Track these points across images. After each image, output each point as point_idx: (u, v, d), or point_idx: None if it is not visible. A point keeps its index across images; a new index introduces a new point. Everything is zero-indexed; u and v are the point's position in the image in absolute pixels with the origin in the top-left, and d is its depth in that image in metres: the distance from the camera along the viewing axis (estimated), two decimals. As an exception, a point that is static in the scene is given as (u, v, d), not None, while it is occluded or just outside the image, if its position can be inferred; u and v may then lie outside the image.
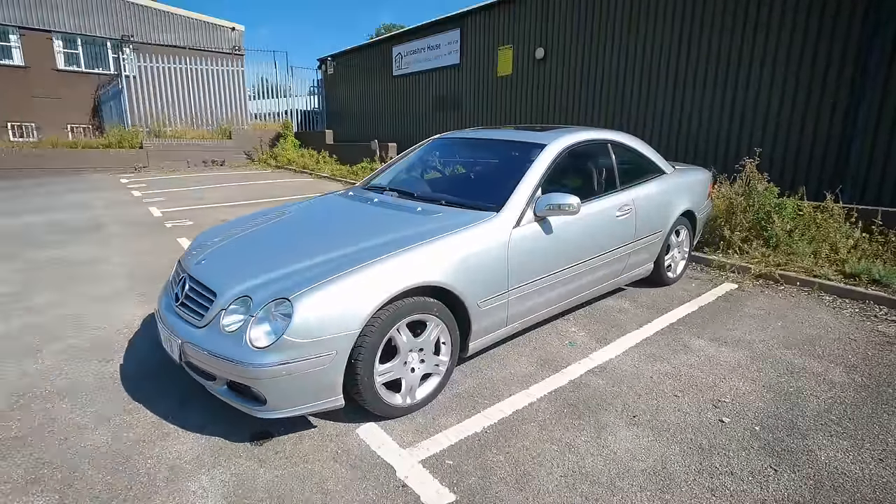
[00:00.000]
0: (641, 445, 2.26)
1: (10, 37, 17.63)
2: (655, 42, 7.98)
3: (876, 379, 2.82)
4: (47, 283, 4.48)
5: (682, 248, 4.39)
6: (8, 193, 10.01)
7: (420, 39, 13.28)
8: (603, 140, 3.69)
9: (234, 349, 2.11)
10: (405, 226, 2.72)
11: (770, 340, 3.31)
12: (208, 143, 15.12)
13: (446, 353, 2.59)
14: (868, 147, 5.77)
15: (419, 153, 4.06)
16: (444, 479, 2.05)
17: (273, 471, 2.10)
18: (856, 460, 2.15)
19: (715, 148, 7.21)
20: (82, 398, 2.64)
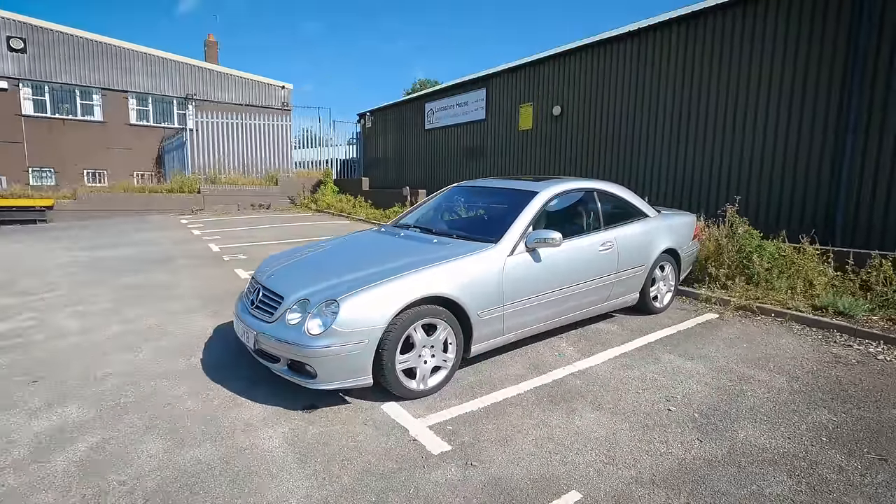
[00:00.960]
0: (600, 423, 2.90)
1: (94, 96, 20.18)
2: (657, 103, 8.86)
3: (811, 386, 3.37)
4: (135, 302, 5.48)
5: (667, 281, 5.02)
6: (91, 232, 11.50)
7: (450, 97, 14.63)
8: (589, 188, 4.48)
9: (295, 336, 2.93)
10: (423, 252, 3.55)
11: (731, 357, 3.89)
12: (256, 189, 16.66)
13: (452, 351, 3.33)
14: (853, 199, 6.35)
15: (439, 199, 4.94)
16: (445, 437, 2.75)
17: (319, 427, 2.85)
18: (768, 437, 2.73)
19: (707, 194, 7.87)
20: (176, 379, 3.49)
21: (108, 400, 3.19)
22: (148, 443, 2.70)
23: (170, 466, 2.48)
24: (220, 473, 2.42)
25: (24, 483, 2.36)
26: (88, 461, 2.53)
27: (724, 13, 7.85)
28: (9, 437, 2.76)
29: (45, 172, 19.47)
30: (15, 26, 18.42)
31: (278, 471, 2.45)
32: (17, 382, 3.45)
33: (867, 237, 6.36)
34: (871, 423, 2.88)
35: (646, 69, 9.02)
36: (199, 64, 22.46)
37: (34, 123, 19.06)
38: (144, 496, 2.26)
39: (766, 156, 7.35)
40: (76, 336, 4.40)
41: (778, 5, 7.20)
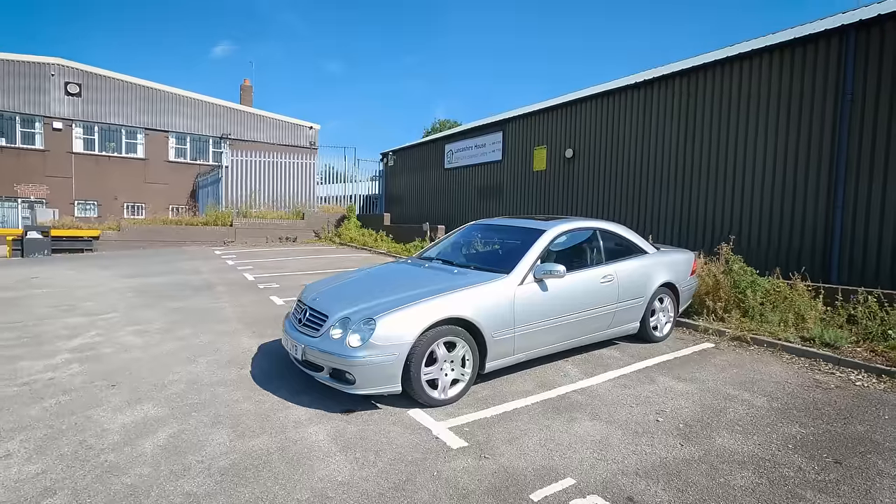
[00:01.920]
0: (595, 429, 3.37)
1: (138, 136, 21.76)
2: (661, 148, 9.49)
3: (788, 405, 3.78)
4: (185, 323, 6.14)
5: (666, 312, 5.48)
6: (134, 260, 12.42)
7: (469, 139, 15.53)
8: (592, 227, 5.05)
9: (338, 348, 3.50)
10: (445, 280, 4.13)
11: (720, 380, 4.31)
12: (284, 223, 17.61)
13: (469, 366, 3.85)
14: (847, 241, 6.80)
15: (458, 234, 5.55)
16: (462, 436, 3.25)
17: (356, 426, 3.38)
18: (741, 444, 3.16)
19: (710, 233, 8.34)
20: (231, 386, 4.07)
21: (176, 401, 3.78)
22: (215, 434, 3.26)
23: (236, 451, 3.03)
24: (278, 458, 2.96)
25: (122, 460, 2.93)
26: (170, 445, 3.10)
27: (723, 67, 8.55)
28: (102, 426, 3.36)
29: (89, 205, 20.86)
30: (73, 73, 20.23)
31: (325, 456, 2.98)
32: (98, 386, 4.07)
33: (861, 276, 6.74)
34: (835, 436, 3.28)
35: (651, 117, 9.71)
36: (234, 106, 24.08)
37: (83, 159, 20.59)
38: (220, 471, 2.81)
39: (765, 200, 7.85)
40: (139, 350, 5.03)
41: (771, 60, 7.86)
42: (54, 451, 3.02)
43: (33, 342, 5.30)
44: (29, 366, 4.56)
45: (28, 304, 7.23)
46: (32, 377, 4.27)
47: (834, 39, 7.19)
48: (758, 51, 8.02)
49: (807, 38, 7.45)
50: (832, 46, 7.20)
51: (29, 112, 19.52)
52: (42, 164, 19.86)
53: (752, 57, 8.13)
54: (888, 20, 6.67)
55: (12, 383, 4.12)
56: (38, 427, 3.33)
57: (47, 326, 5.94)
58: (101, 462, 2.90)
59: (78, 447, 3.07)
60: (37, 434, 3.24)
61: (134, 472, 2.79)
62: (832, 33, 7.18)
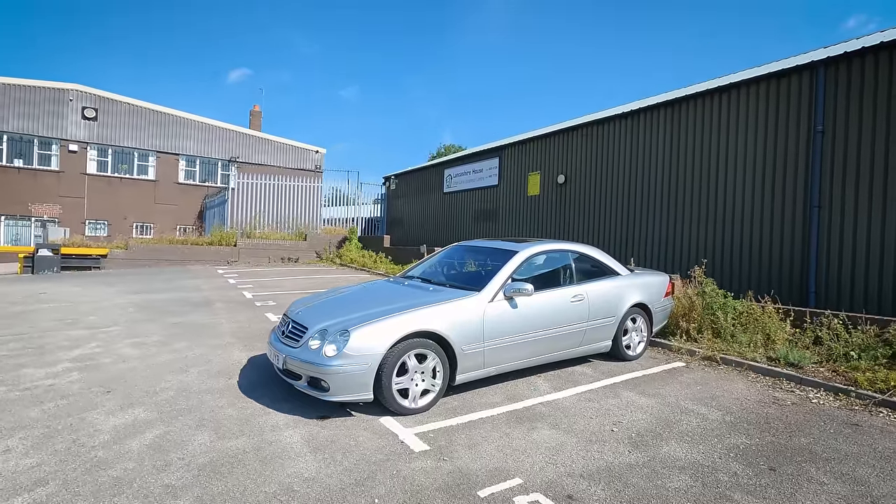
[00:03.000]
0: (552, 437, 3.59)
1: (150, 158, 22.50)
2: (646, 174, 9.83)
3: (740, 419, 3.98)
4: (181, 337, 6.44)
5: (639, 332, 5.71)
6: (140, 278, 12.81)
7: (467, 164, 15.99)
8: (564, 249, 5.34)
9: (315, 357, 3.78)
10: (420, 297, 4.42)
11: (681, 395, 4.52)
12: (286, 244, 18.03)
13: (440, 378, 4.10)
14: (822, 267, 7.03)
15: (441, 255, 5.86)
16: (426, 440, 3.49)
17: (329, 431, 3.63)
18: (686, 452, 3.37)
19: (692, 257, 8.58)
20: (218, 394, 4.34)
21: (165, 406, 4.05)
22: (198, 435, 3.52)
23: (216, 450, 3.29)
24: (253, 456, 3.21)
25: (110, 455, 3.19)
26: (155, 444, 3.36)
27: (703, 99, 8.95)
28: (94, 427, 3.63)
29: (99, 224, 21.46)
30: (90, 98, 21.11)
31: (296, 456, 3.22)
32: (94, 392, 4.36)
33: (837, 300, 6.94)
34: (777, 447, 3.49)
35: (638, 146, 10.09)
36: (243, 130, 24.88)
37: (96, 180, 21.29)
38: (198, 467, 3.06)
39: (745, 225, 8.12)
40: (136, 361, 5.33)
41: (748, 93, 8.25)
42: (49, 447, 3.30)
43: (37, 352, 5.62)
44: (32, 373, 4.86)
45: (34, 317, 7.58)
46: (34, 383, 4.56)
47: (805, 75, 7.57)
48: (735, 84, 8.41)
49: (780, 73, 7.83)
50: (803, 81, 7.57)
51: (47, 135, 20.33)
52: (56, 185, 20.56)
53: (730, 90, 8.52)
54: (854, 57, 7.04)
55: (15, 388, 4.42)
56: (36, 426, 3.61)
57: (51, 338, 6.26)
58: (92, 457, 3.17)
59: (71, 444, 3.34)
60: (35, 432, 3.51)
61: (120, 467, 3.05)
62: (803, 69, 7.56)
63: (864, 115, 6.85)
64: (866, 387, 4.48)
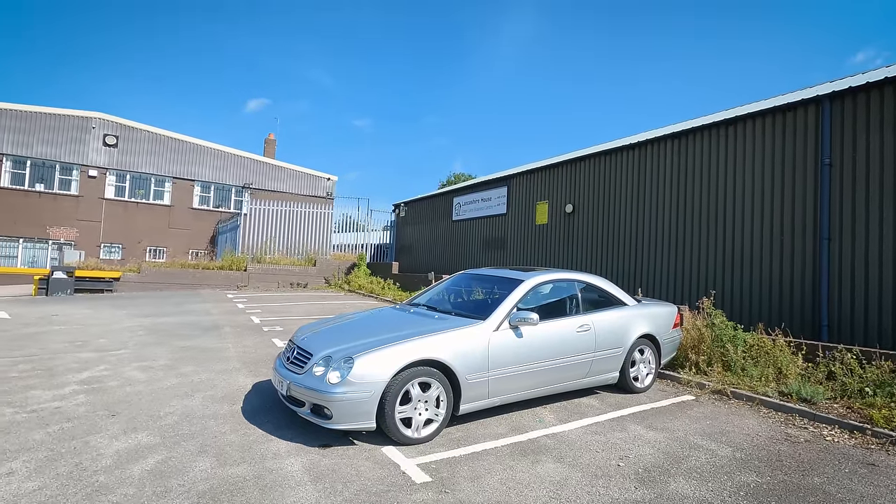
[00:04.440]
0: (557, 471, 3.52)
1: (166, 184, 23.03)
2: (654, 205, 9.86)
3: (751, 456, 3.87)
4: (188, 361, 6.47)
5: (647, 363, 5.63)
6: (151, 301, 12.95)
7: (476, 192, 16.15)
8: (571, 279, 5.34)
9: (319, 385, 3.78)
10: (425, 325, 4.42)
11: (691, 430, 4.42)
12: (296, 269, 18.17)
13: (443, 407, 4.06)
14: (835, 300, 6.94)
15: (447, 283, 5.88)
16: (428, 472, 3.44)
17: (330, 460, 3.59)
18: (694, 489, 3.28)
19: (706, 287, 8.50)
20: (221, 420, 4.33)
21: (169, 431, 4.05)
22: (200, 461, 3.50)
23: (216, 477, 3.27)
24: (252, 484, 3.19)
25: (111, 480, 3.19)
26: (156, 470, 3.35)
27: (710, 131, 9.03)
28: (98, 451, 3.63)
29: (114, 248, 21.84)
30: (111, 126, 21.83)
31: (296, 485, 3.19)
32: (100, 415, 4.37)
33: (851, 334, 6.80)
34: (789, 485, 3.38)
35: (645, 176, 10.16)
36: (256, 157, 25.45)
37: (112, 205, 21.79)
38: (197, 494, 3.04)
39: (755, 257, 8.06)
40: (142, 385, 5.35)
41: (755, 126, 8.32)
42: (52, 470, 3.30)
43: (46, 374, 5.67)
44: (39, 395, 4.90)
45: (45, 339, 7.67)
46: (41, 405, 4.60)
47: (811, 108, 7.63)
48: (742, 116, 8.50)
49: (787, 107, 7.91)
50: (810, 115, 7.64)
51: (69, 161, 20.96)
52: (75, 209, 21.06)
53: (737, 122, 8.61)
54: (860, 91, 7.11)
55: (22, 410, 4.45)
56: (41, 449, 3.63)
57: (60, 360, 6.32)
58: (93, 482, 3.16)
59: (74, 468, 3.34)
60: (38, 455, 3.52)
61: (120, 492, 3.04)
62: (809, 102, 7.64)
63: (872, 147, 6.87)
64: (882, 425, 4.35)
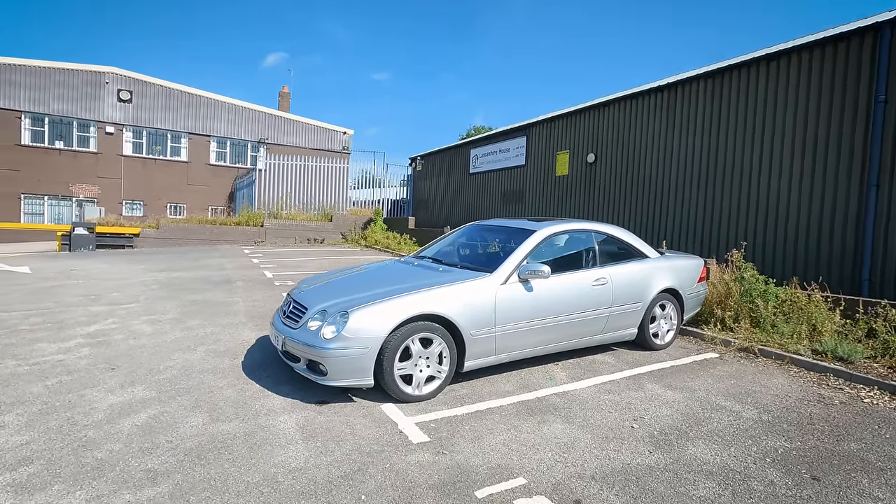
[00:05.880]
0: (565, 432, 3.29)
1: (182, 140, 22.91)
2: (683, 152, 9.18)
3: (779, 418, 3.56)
4: (196, 314, 6.41)
5: (668, 319, 5.29)
6: (168, 257, 13.06)
7: (493, 144, 15.51)
8: (587, 229, 4.95)
9: (313, 340, 3.58)
10: (428, 278, 4.15)
11: (713, 390, 4.12)
12: (313, 224, 18.07)
13: (446, 364, 3.84)
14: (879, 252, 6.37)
15: (456, 234, 5.56)
16: (426, 431, 3.25)
17: (325, 417, 3.44)
18: (715, 455, 3.01)
19: (735, 239, 7.96)
20: (220, 374, 4.22)
21: (166, 385, 3.95)
22: (192, 417, 3.39)
23: (206, 434, 3.14)
24: (242, 442, 3.05)
25: (100, 435, 3.09)
26: (146, 425, 3.24)
27: (749, 69, 8.21)
28: (91, 405, 3.55)
29: (135, 204, 22.10)
30: (125, 81, 21.56)
31: (287, 443, 3.04)
32: (100, 368, 4.31)
33: (894, 290, 6.28)
34: (822, 452, 3.08)
35: (675, 121, 9.42)
36: (271, 111, 24.98)
37: (131, 162, 21.86)
38: (184, 451, 2.92)
39: (792, 206, 7.45)
40: (147, 338, 5.29)
41: (799, 61, 7.48)
42: (43, 424, 3.22)
43: (55, 327, 5.67)
44: (44, 347, 4.88)
45: (61, 292, 7.74)
46: (44, 358, 4.56)
47: (867, 38, 6.77)
48: (785, 51, 7.65)
49: (838, 37, 7.04)
50: (865, 45, 6.78)
51: (85, 117, 20.92)
52: (95, 166, 21.22)
53: (779, 57, 7.76)
54: (927, 16, 6.23)
55: (25, 363, 4.42)
56: (36, 403, 3.56)
57: (72, 313, 6.33)
58: (81, 437, 3.07)
59: (64, 423, 3.26)
60: (33, 409, 3.46)
61: (106, 448, 2.94)
62: (865, 31, 6.76)
63: (937, 82, 6.07)
64: (929, 386, 3.97)
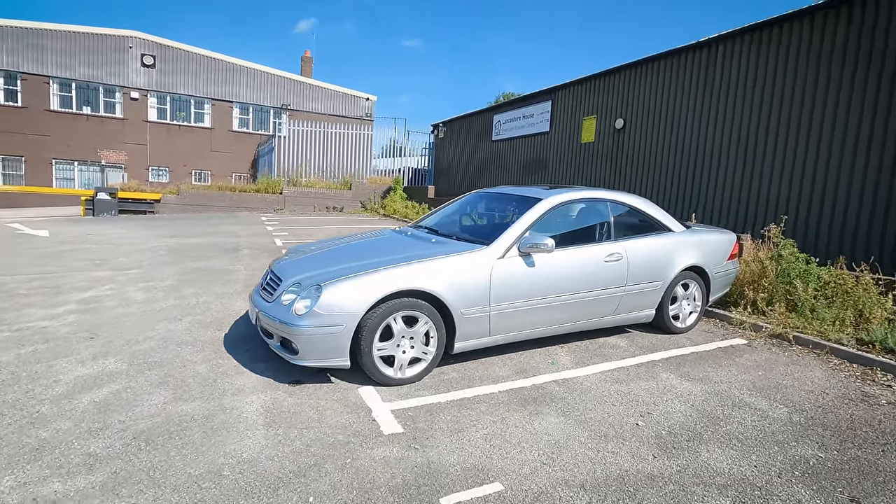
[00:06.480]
0: (558, 427, 2.90)
1: (205, 106, 22.83)
2: (724, 115, 8.33)
3: (813, 421, 3.07)
4: (193, 282, 6.23)
5: (691, 300, 4.76)
6: (184, 223, 13.08)
7: (517, 109, 14.72)
8: (601, 198, 4.41)
9: (285, 315, 3.26)
10: (416, 249, 3.75)
11: (737, 383, 3.63)
12: (332, 192, 17.84)
13: (434, 345, 3.47)
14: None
15: (460, 202, 5.11)
16: (402, 421, 2.91)
17: (296, 399, 3.14)
18: (732, 463, 2.57)
19: (774, 214, 7.22)
20: (198, 347, 3.98)
21: (139, 358, 3.74)
22: (155, 395, 3.15)
23: (162, 414, 2.90)
24: (198, 426, 2.79)
25: (53, 412, 2.88)
26: (104, 403, 3.02)
27: (791, 25, 7.28)
28: (56, 377, 3.36)
29: (161, 171, 22.34)
30: (148, 45, 21.45)
31: (245, 430, 2.76)
32: (79, 337, 4.14)
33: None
34: (864, 465, 2.59)
35: (711, 82, 8.54)
36: (294, 77, 24.56)
37: (156, 128, 21.98)
38: (133, 434, 2.67)
39: (843, 176, 6.64)
40: (137, 306, 5.13)
41: (850, 12, 6.53)
42: (0, 397, 3.05)
43: (52, 292, 5.58)
44: (33, 313, 4.77)
45: (70, 257, 7.72)
46: (29, 324, 4.43)
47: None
48: (836, 1, 6.68)
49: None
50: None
51: (110, 82, 21.01)
52: (121, 132, 21.43)
53: (839, 6, 6.79)
54: None
55: (9, 329, 4.30)
56: (2, 372, 3.40)
57: (72, 278, 6.26)
58: (33, 413, 2.87)
59: (22, 396, 3.07)
60: (-5, 379, 3.29)
61: (55, 426, 2.73)
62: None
63: None
64: None
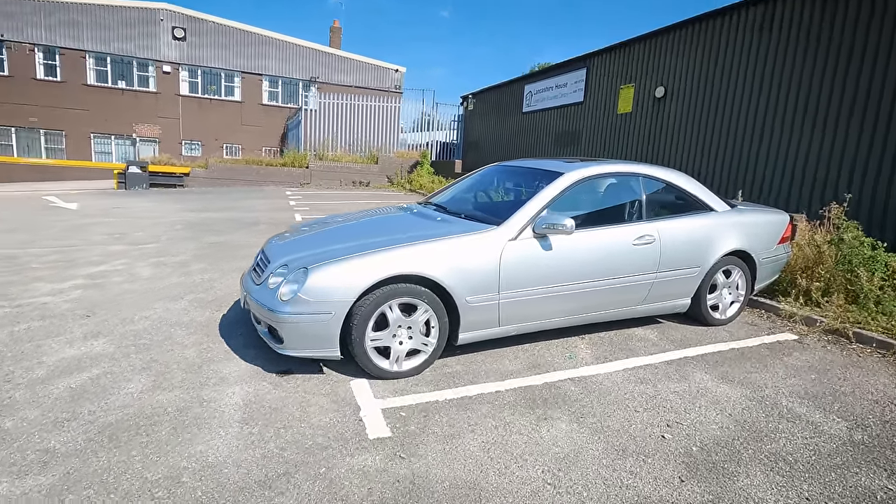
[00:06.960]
0: (570, 437, 2.52)
1: (235, 79, 22.80)
2: (780, 79, 7.46)
3: (881, 440, 2.57)
4: (204, 258, 6.08)
5: (733, 289, 4.22)
6: (210, 196, 13.12)
7: (550, 78, 13.90)
8: (633, 172, 3.89)
9: (270, 300, 2.97)
10: (418, 229, 3.38)
11: (785, 388, 3.14)
12: (359, 167, 17.57)
13: (435, 336, 3.12)
14: None
15: (475, 177, 4.67)
16: (391, 423, 2.60)
17: (280, 392, 2.87)
18: (777, 493, 2.13)
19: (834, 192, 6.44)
20: (192, 329, 3.78)
21: (129, 339, 3.56)
22: (134, 382, 2.94)
23: (135, 406, 2.68)
24: (169, 421, 2.55)
25: (25, 398, 2.71)
26: (80, 389, 2.83)
27: (880, -33, 6.28)
28: (41, 359, 3.21)
29: (194, 145, 22.60)
30: (178, 18, 21.43)
31: (218, 427, 2.51)
32: (75, 316, 4.01)
33: None
34: (947, 504, 2.11)
35: (765, 45, 7.63)
36: (322, 48, 24.15)
37: (188, 102, 22.14)
38: (99, 427, 2.46)
39: (919, 147, 5.80)
40: (142, 282, 5.00)
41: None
42: (-23, 380, 2.91)
43: (64, 266, 5.53)
44: (39, 288, 4.70)
45: (91, 230, 7.75)
46: (31, 300, 4.35)
47: None
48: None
49: None
50: None
51: (143, 56, 21.19)
52: (155, 106, 21.70)
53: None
54: None
55: (9, 305, 4.22)
56: (-12, 352, 3.28)
57: (88, 252, 6.22)
58: (4, 399, 2.70)
59: (0, 379, 2.93)
60: (-21, 359, 3.17)
61: (21, 415, 2.55)
62: None
63: None
64: None
